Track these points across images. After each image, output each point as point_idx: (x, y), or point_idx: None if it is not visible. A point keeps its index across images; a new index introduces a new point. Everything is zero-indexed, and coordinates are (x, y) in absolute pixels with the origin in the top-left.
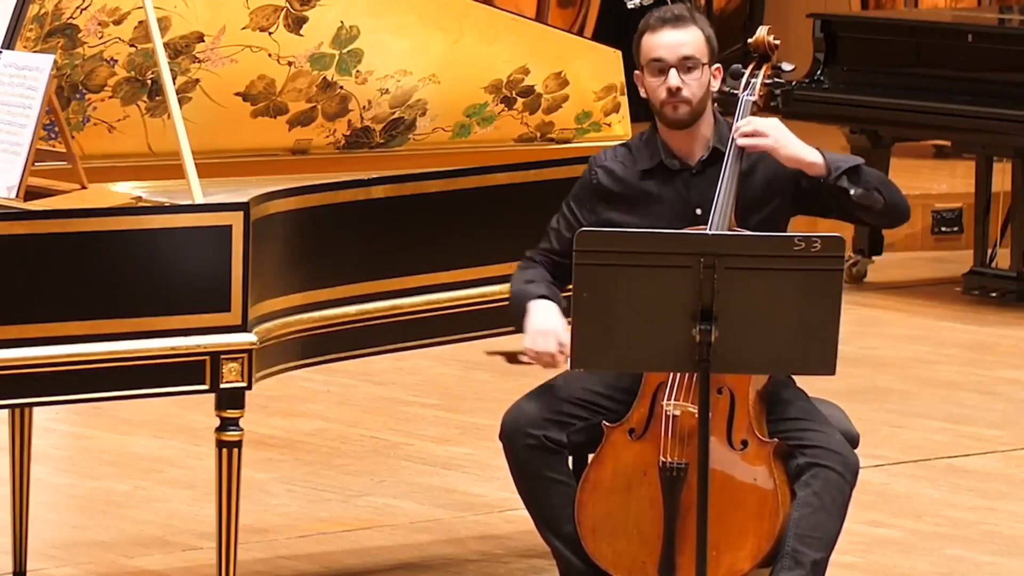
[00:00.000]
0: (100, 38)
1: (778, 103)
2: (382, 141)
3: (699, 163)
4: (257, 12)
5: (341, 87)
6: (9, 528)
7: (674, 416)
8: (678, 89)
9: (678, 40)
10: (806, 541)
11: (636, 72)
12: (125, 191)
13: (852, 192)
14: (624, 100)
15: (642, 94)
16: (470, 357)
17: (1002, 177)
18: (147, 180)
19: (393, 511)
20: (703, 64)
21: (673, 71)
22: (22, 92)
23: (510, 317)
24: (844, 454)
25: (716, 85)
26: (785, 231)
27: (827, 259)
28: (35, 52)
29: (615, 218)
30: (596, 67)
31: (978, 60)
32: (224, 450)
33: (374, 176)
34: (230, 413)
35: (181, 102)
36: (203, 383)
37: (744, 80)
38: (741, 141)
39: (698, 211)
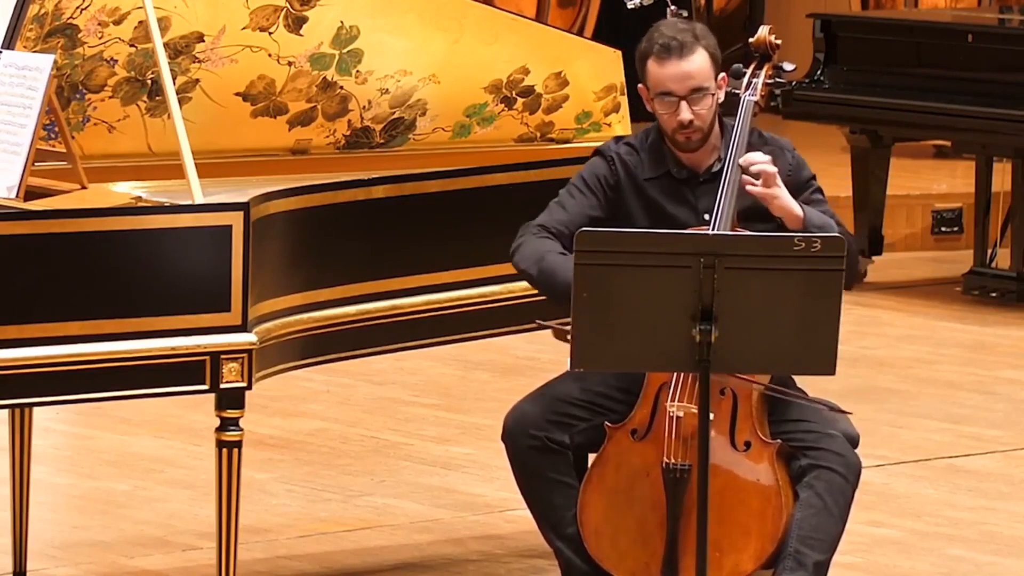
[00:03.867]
0: (100, 38)
1: (778, 103)
2: (382, 141)
3: (707, 171)
4: (257, 12)
5: (341, 87)
6: (9, 528)
7: (678, 417)
8: (691, 122)
9: (686, 72)
10: (808, 542)
11: (640, 86)
12: (125, 191)
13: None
14: (624, 100)
15: (648, 108)
16: (470, 357)
17: (1002, 177)
18: (147, 180)
19: (393, 511)
20: (711, 91)
21: (684, 104)
22: (22, 92)
23: (543, 286)
24: (846, 455)
25: (722, 96)
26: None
27: (827, 259)
28: (35, 52)
29: (625, 219)
30: (596, 67)
31: (978, 60)
32: (224, 450)
33: (374, 176)
34: (230, 413)
35: (181, 102)
36: (203, 383)
37: (745, 80)
38: (751, 188)
39: (706, 216)
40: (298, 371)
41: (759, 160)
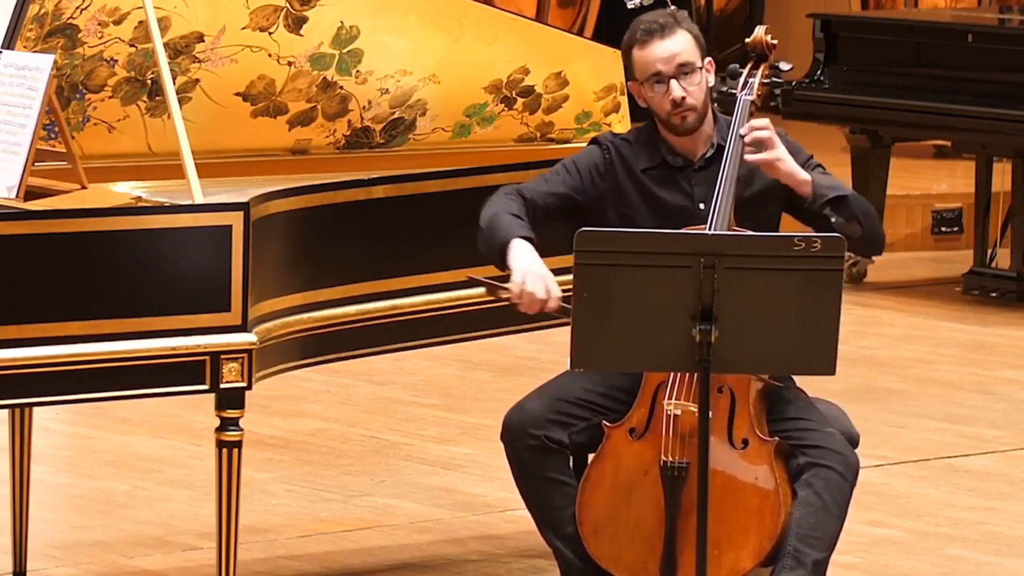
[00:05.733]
0: (100, 38)
1: (778, 103)
2: (382, 141)
3: (702, 159)
4: (257, 12)
5: (341, 87)
6: (9, 528)
7: (675, 415)
8: (683, 99)
9: (671, 50)
10: (807, 541)
11: (630, 83)
12: (125, 191)
13: (832, 220)
14: (624, 100)
15: (640, 103)
16: (470, 357)
17: (1002, 177)
18: (147, 180)
19: (393, 511)
20: (699, 67)
21: (674, 82)
22: (22, 92)
23: (483, 239)
24: (845, 454)
25: (712, 80)
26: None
27: (827, 259)
28: (35, 52)
29: (618, 213)
30: (596, 67)
31: (978, 60)
32: (224, 450)
33: (374, 176)
34: (230, 413)
35: (181, 102)
36: (203, 383)
37: (742, 80)
38: (749, 156)
39: (701, 205)
40: (298, 371)
41: (759, 126)
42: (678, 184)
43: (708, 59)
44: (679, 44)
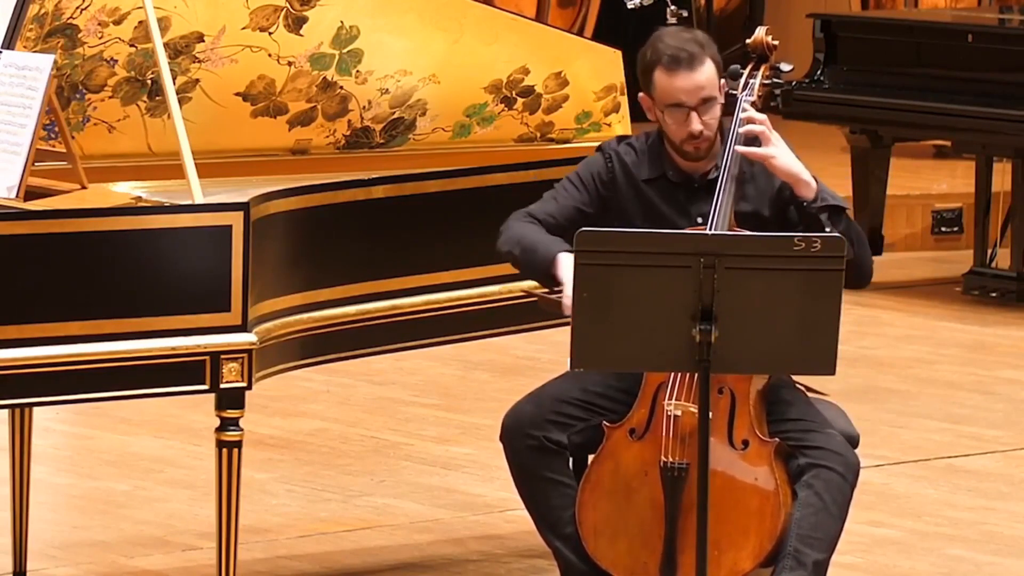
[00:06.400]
0: (100, 38)
1: (778, 103)
2: (382, 141)
3: (703, 177)
4: (257, 12)
5: (341, 87)
6: (9, 528)
7: (675, 416)
8: (701, 132)
9: (697, 83)
10: (808, 541)
11: (641, 95)
12: (125, 191)
13: (827, 230)
14: (624, 100)
15: (650, 117)
16: (470, 357)
17: (1002, 177)
18: (147, 180)
19: (393, 511)
20: (719, 99)
21: (694, 115)
22: (22, 92)
23: (523, 263)
24: (845, 455)
25: (722, 99)
26: None
27: (827, 259)
28: (35, 52)
29: (619, 222)
30: (596, 67)
31: (978, 60)
32: (224, 450)
33: (374, 176)
34: (230, 413)
35: (181, 102)
36: (203, 383)
37: (743, 81)
38: (741, 149)
39: (699, 219)
40: (298, 371)
41: (758, 118)
42: (676, 198)
43: (722, 80)
44: (705, 76)
